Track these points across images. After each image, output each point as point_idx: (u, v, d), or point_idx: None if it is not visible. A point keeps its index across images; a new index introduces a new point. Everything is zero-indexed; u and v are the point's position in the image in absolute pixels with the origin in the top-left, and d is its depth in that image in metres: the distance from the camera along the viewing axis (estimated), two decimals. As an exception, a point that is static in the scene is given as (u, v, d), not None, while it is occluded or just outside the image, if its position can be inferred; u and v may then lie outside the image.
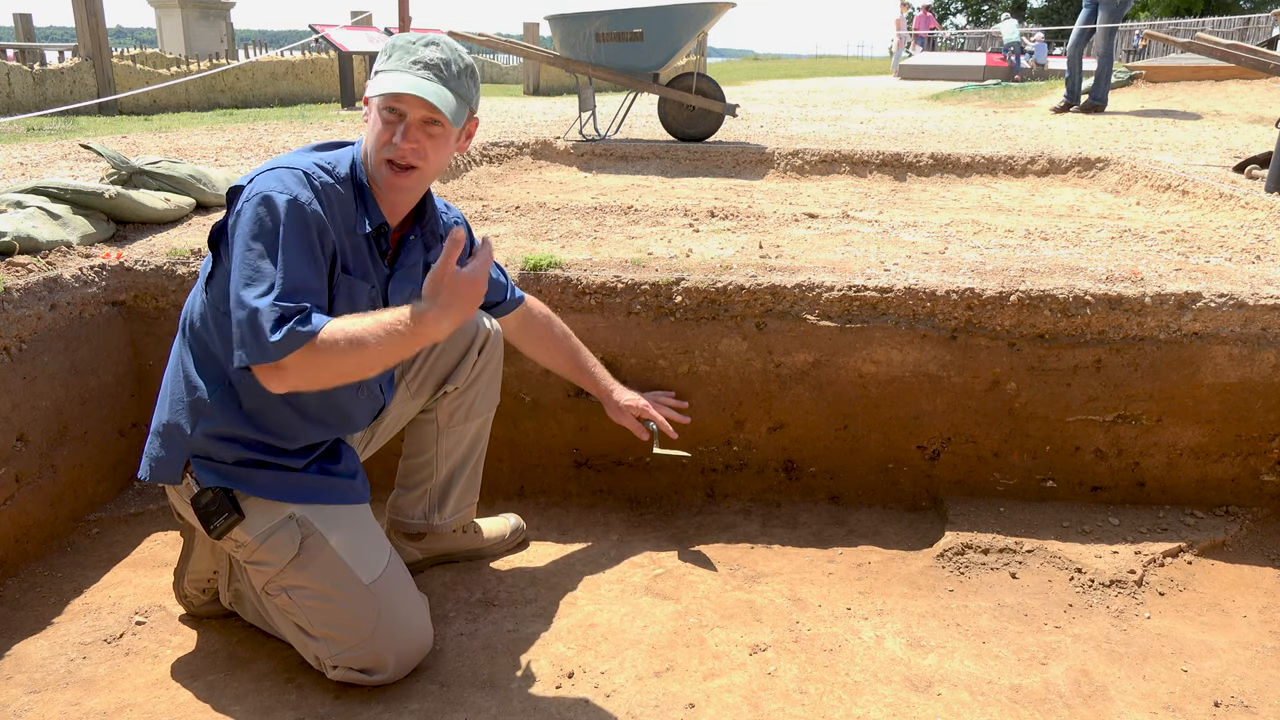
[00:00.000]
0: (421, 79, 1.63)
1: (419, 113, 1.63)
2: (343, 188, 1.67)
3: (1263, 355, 2.27)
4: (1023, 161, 4.86)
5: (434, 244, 1.87)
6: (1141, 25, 20.72)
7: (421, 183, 1.71)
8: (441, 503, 2.10)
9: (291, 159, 1.65)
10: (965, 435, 2.41)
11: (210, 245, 1.68)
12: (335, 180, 1.66)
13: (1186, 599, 2.07)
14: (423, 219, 1.83)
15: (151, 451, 1.75)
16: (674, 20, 5.38)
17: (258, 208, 1.55)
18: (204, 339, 1.70)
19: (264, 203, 1.55)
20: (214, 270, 1.67)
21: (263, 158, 4.45)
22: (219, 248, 1.67)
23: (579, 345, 2.21)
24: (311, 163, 1.65)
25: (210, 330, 1.68)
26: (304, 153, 1.70)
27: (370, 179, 1.71)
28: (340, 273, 1.67)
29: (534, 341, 2.17)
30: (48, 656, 1.82)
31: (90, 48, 9.55)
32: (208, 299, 1.68)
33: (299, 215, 1.56)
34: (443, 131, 1.67)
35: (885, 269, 2.47)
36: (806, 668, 1.81)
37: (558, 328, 2.19)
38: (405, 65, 1.64)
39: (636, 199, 3.92)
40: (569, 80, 14.24)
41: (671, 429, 2.25)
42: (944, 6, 48.80)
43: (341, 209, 1.66)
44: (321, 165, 1.66)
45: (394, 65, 1.65)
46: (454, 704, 1.70)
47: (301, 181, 1.59)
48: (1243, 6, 29.32)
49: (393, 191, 1.69)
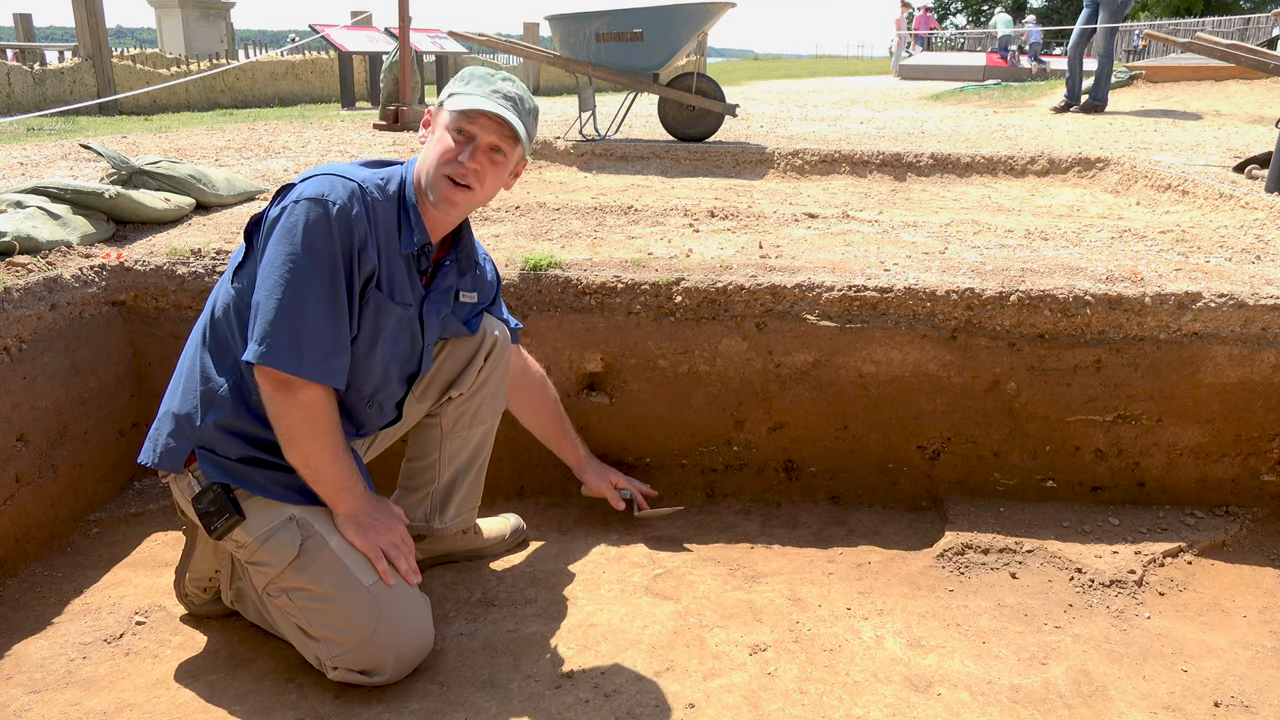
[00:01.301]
0: (494, 101, 1.70)
1: (488, 138, 1.70)
2: (391, 206, 1.72)
3: (1263, 355, 2.27)
4: (1023, 161, 4.86)
5: (468, 269, 1.94)
6: (1141, 25, 20.72)
7: (472, 204, 1.77)
8: (443, 507, 2.10)
9: (347, 169, 1.70)
10: (965, 435, 2.41)
11: (246, 236, 1.71)
12: (384, 198, 1.71)
13: (1186, 599, 2.07)
14: (459, 244, 1.89)
15: (158, 437, 1.76)
16: (674, 20, 5.38)
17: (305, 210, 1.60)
18: (223, 330, 1.72)
19: (309, 211, 1.60)
20: (245, 260, 1.70)
21: (263, 158, 4.45)
22: (253, 239, 1.69)
23: (564, 414, 2.33)
24: (365, 176, 1.70)
25: (231, 321, 1.70)
26: (357, 166, 1.74)
27: (420, 195, 1.76)
28: (373, 288, 1.71)
29: (524, 399, 2.25)
30: (48, 656, 1.82)
31: (90, 48, 9.56)
32: (234, 288, 1.70)
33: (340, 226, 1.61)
34: (504, 160, 1.75)
35: (885, 269, 2.47)
36: (806, 668, 1.81)
37: (551, 392, 2.29)
38: (485, 92, 1.71)
39: (636, 199, 3.92)
40: (569, 80, 14.24)
41: (644, 501, 2.37)
42: (944, 6, 48.78)
43: (386, 226, 1.71)
44: (375, 181, 1.71)
45: (473, 90, 1.71)
46: (454, 704, 1.70)
47: (354, 193, 1.64)
48: (1243, 6, 29.32)
49: (445, 205, 1.73)
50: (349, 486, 1.72)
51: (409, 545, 1.78)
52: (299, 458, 1.68)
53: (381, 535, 1.73)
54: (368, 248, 1.66)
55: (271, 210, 1.65)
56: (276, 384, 1.63)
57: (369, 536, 1.72)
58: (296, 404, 1.64)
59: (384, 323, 1.75)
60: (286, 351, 1.60)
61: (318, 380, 1.63)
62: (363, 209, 1.64)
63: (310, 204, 1.60)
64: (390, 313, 1.75)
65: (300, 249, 1.59)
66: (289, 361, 1.60)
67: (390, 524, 1.76)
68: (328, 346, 1.63)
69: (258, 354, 1.60)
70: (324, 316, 1.62)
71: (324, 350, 1.63)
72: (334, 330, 1.64)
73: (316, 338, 1.61)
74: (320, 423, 1.67)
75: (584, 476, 2.35)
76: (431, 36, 10.60)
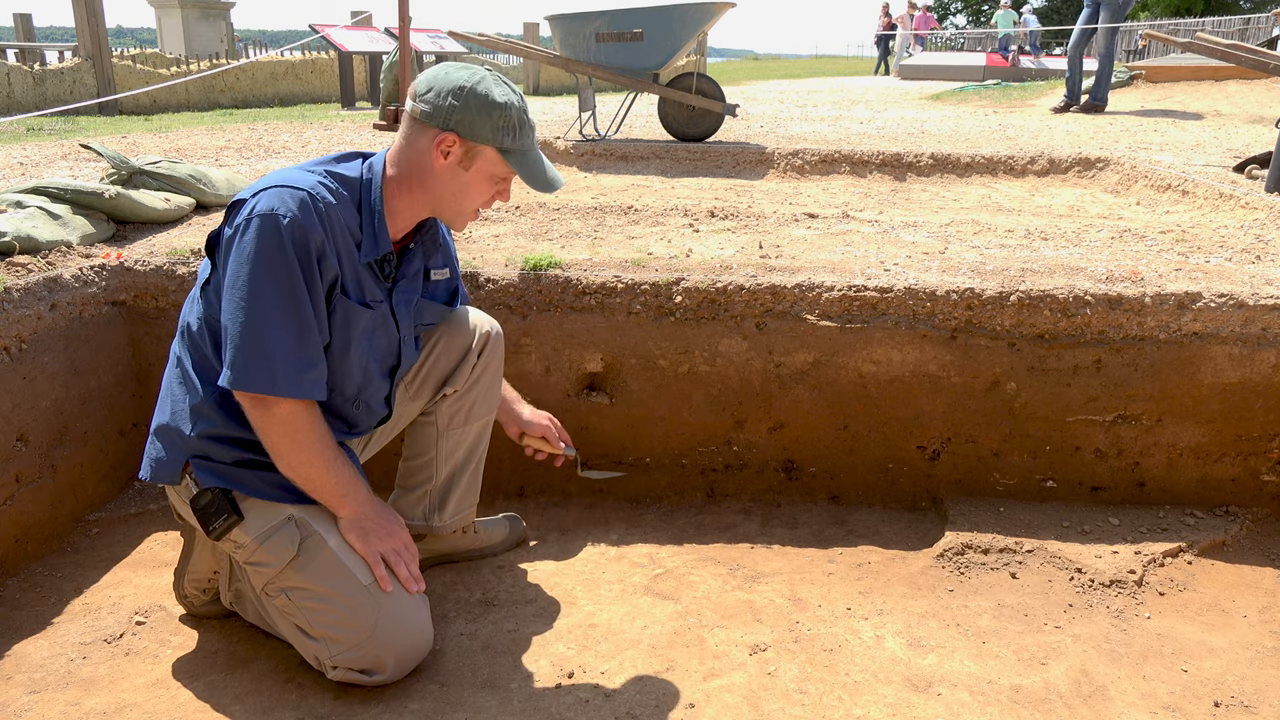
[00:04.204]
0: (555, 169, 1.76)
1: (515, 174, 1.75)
2: (347, 210, 1.68)
3: (1263, 355, 2.27)
4: (1023, 161, 4.86)
5: (433, 251, 1.92)
6: (1141, 25, 20.72)
7: None
8: (441, 505, 2.10)
9: (297, 176, 1.65)
10: (965, 435, 2.41)
11: (207, 251, 1.69)
12: (339, 202, 1.67)
13: (1186, 599, 2.07)
14: (423, 229, 1.86)
15: (151, 452, 1.75)
16: (674, 20, 5.38)
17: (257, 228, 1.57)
18: (200, 344, 1.70)
19: (261, 229, 1.57)
20: (210, 276, 1.68)
21: (263, 158, 4.45)
22: (215, 254, 1.67)
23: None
24: (317, 181, 1.65)
25: (205, 337, 1.69)
26: (312, 167, 1.70)
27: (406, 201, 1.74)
28: (339, 294, 1.70)
29: None
30: (48, 656, 1.82)
31: (90, 48, 9.56)
32: (202, 304, 1.69)
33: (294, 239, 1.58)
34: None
35: (885, 269, 2.47)
36: (806, 668, 1.81)
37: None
38: (532, 143, 1.74)
39: (636, 199, 3.92)
40: (569, 80, 14.24)
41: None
42: (944, 6, 48.77)
43: (343, 230, 1.67)
44: (327, 185, 1.66)
45: (527, 145, 1.73)
46: (454, 704, 1.70)
47: (304, 203, 1.60)
48: (1243, 6, 29.31)
49: (460, 229, 1.83)
50: (348, 491, 1.72)
51: (412, 551, 1.77)
52: (291, 470, 1.68)
53: (383, 541, 1.73)
54: (326, 255, 1.63)
55: (225, 229, 1.63)
56: (254, 403, 1.63)
57: (369, 541, 1.71)
58: (276, 420, 1.64)
59: (355, 326, 1.73)
60: (258, 373, 1.59)
61: (294, 395, 1.62)
62: (315, 217, 1.61)
63: (261, 220, 1.57)
64: (359, 315, 1.73)
65: (258, 268, 1.57)
66: (262, 383, 1.59)
67: (392, 529, 1.75)
68: (299, 361, 1.62)
69: (230, 380, 1.60)
70: (290, 332, 1.60)
71: (295, 365, 1.61)
72: (302, 344, 1.62)
73: (286, 355, 1.60)
74: (304, 434, 1.66)
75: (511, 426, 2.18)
76: (431, 36, 10.60)
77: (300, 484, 1.70)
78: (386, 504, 1.83)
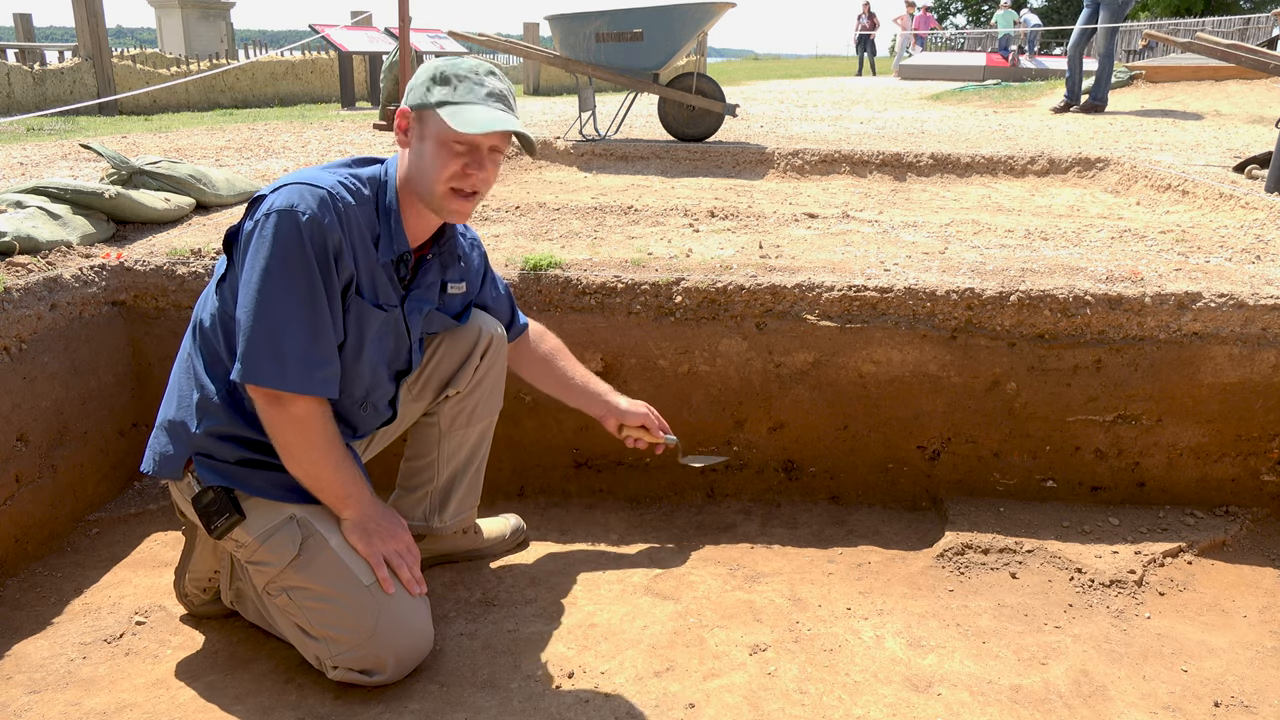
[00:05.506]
0: (501, 112, 1.66)
1: (489, 142, 1.67)
2: (366, 211, 1.69)
3: (1263, 355, 2.27)
4: (1023, 161, 4.86)
5: (451, 264, 1.91)
6: (1141, 25, 20.72)
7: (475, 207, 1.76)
8: (442, 506, 2.10)
9: (317, 175, 1.66)
10: (965, 435, 2.41)
11: (225, 247, 1.70)
12: (359, 203, 1.68)
13: (1186, 599, 2.07)
14: (441, 239, 1.86)
15: (156, 446, 1.76)
16: (674, 20, 5.38)
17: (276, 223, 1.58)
18: (212, 340, 1.71)
19: (279, 224, 1.57)
20: (227, 272, 1.69)
21: (263, 158, 4.45)
22: (233, 251, 1.68)
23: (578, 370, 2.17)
24: (337, 181, 1.66)
25: (218, 333, 1.70)
26: (333, 168, 1.71)
27: (408, 200, 1.73)
28: (353, 294, 1.70)
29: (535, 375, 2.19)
30: (48, 656, 1.82)
31: (90, 48, 9.55)
32: (218, 300, 1.70)
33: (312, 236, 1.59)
34: (501, 159, 1.73)
35: (885, 269, 2.47)
36: (806, 668, 1.81)
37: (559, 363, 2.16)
38: (480, 98, 1.65)
39: (636, 199, 3.92)
40: (569, 80, 14.24)
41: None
42: (944, 6, 48.77)
43: (361, 231, 1.68)
44: (347, 186, 1.67)
45: (464, 97, 1.65)
46: (454, 704, 1.70)
47: (323, 201, 1.61)
48: (1243, 6, 29.31)
49: (457, 217, 1.73)
50: (353, 493, 1.72)
51: (414, 554, 1.77)
52: (299, 469, 1.68)
53: (386, 542, 1.73)
54: (343, 254, 1.64)
55: (245, 224, 1.64)
56: (268, 399, 1.63)
57: (372, 543, 1.71)
58: (289, 417, 1.64)
59: (367, 327, 1.74)
60: (270, 368, 1.59)
61: (306, 392, 1.63)
62: (334, 216, 1.61)
63: (280, 216, 1.58)
64: (373, 317, 1.74)
65: (275, 263, 1.58)
66: (273, 378, 1.60)
67: (395, 531, 1.75)
68: (312, 358, 1.62)
69: (241, 373, 1.60)
70: (304, 329, 1.61)
71: (308, 363, 1.62)
72: (316, 341, 1.63)
73: (299, 351, 1.61)
74: (316, 434, 1.67)
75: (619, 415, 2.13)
76: (431, 36, 10.60)
77: (307, 483, 1.70)
78: (388, 506, 1.83)
